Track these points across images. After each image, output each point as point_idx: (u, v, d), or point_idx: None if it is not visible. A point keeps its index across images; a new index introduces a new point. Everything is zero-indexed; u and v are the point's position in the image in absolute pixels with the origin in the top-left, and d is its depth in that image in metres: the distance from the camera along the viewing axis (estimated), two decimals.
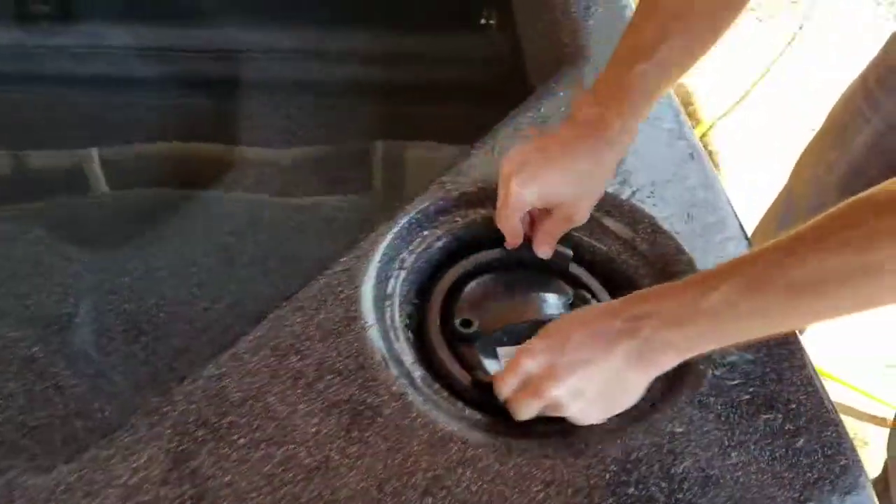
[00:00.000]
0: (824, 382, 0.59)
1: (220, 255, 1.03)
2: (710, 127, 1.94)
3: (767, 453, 0.54)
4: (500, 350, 0.64)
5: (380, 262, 0.64)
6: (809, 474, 0.53)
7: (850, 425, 1.49)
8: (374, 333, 0.59)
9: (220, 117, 1.16)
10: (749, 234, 0.71)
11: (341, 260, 0.64)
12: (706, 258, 0.66)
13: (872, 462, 1.43)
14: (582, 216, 0.65)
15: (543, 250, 0.66)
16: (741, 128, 1.95)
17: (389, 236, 0.66)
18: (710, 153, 0.82)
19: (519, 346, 0.58)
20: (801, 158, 1.00)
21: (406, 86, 1.21)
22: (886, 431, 1.48)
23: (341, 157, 1.13)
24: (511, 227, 0.65)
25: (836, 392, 1.48)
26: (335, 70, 1.20)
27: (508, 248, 0.67)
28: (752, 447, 0.54)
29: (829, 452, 0.54)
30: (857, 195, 0.44)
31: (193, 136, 1.14)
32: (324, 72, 1.20)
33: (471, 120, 1.19)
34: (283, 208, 1.05)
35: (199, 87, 1.18)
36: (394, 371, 0.57)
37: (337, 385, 0.56)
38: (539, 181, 0.62)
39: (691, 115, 1.95)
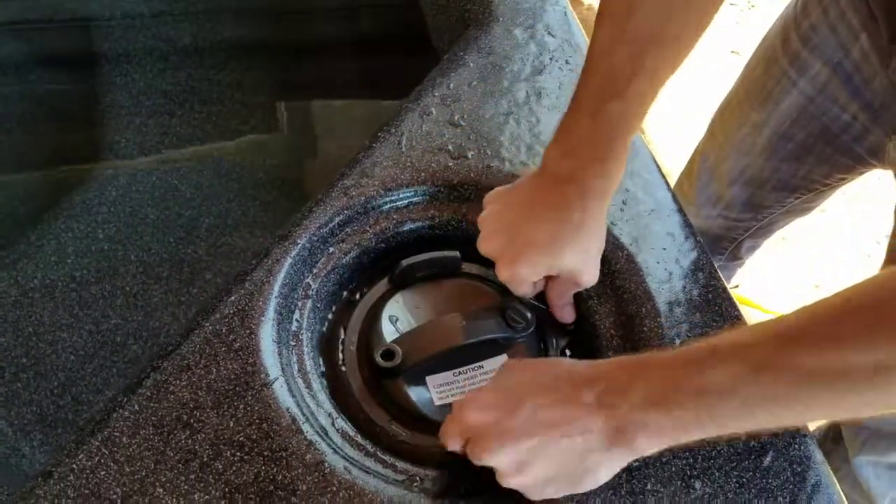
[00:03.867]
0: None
1: (100, 265, 0.90)
2: None
3: (734, 479, 0.49)
4: (430, 378, 0.56)
5: (279, 294, 0.54)
6: (781, 499, 0.48)
7: None
8: (278, 389, 0.50)
9: (82, 102, 1.00)
10: None
11: (230, 299, 0.53)
12: (647, 253, 0.59)
13: None
14: (591, 277, 0.55)
15: (563, 316, 0.58)
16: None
17: (288, 261, 0.56)
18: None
19: (464, 391, 0.50)
20: (716, 121, 0.92)
21: (294, 44, 1.07)
22: None
23: (229, 139, 1.00)
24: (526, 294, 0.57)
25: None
26: (210, 33, 1.05)
27: None
28: (717, 474, 0.49)
29: (799, 469, 0.49)
30: (881, 273, 0.36)
31: (51, 126, 0.98)
32: (199, 36, 1.05)
33: (365, 74, 1.07)
34: (168, 205, 0.92)
35: (50, 66, 1.01)
36: (307, 434, 0.48)
37: (239, 462, 0.47)
38: (531, 263, 0.53)
39: None
